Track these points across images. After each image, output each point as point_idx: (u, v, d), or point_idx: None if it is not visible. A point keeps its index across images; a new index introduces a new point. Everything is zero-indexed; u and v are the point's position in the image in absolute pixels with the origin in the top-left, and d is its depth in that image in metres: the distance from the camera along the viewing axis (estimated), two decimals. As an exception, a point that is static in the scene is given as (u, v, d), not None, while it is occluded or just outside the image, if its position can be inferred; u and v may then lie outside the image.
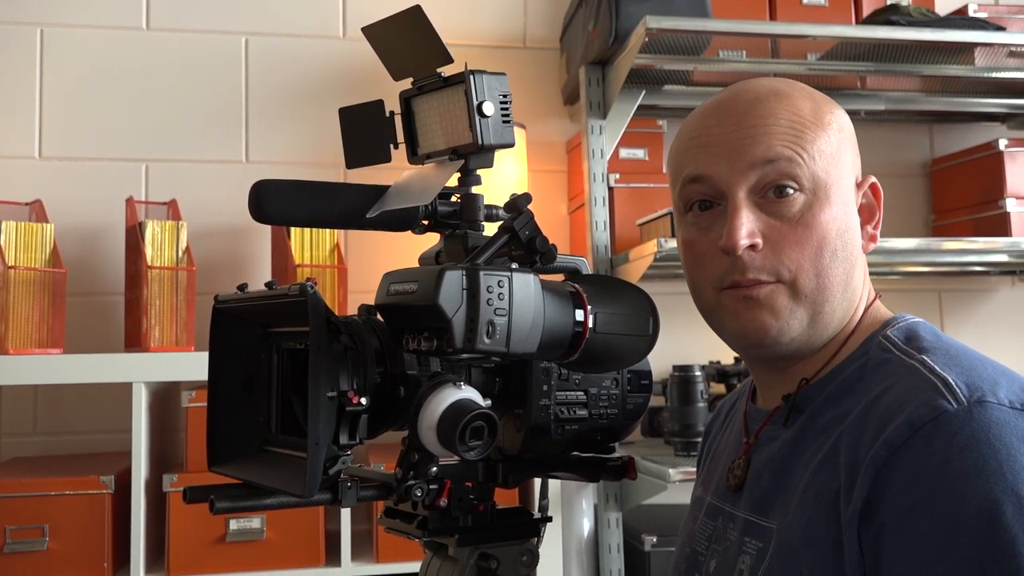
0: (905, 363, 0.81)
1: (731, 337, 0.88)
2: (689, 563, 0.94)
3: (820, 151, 0.85)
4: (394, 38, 0.81)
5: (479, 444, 0.71)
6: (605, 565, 2.09)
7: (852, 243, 0.86)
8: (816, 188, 0.84)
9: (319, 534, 1.83)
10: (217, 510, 0.72)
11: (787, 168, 0.83)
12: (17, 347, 1.83)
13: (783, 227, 0.84)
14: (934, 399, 0.74)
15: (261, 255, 2.24)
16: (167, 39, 2.27)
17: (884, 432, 0.74)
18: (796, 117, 0.85)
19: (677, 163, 0.90)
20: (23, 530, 1.73)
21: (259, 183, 0.77)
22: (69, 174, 2.19)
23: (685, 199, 0.89)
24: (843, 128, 0.89)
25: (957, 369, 0.77)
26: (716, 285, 0.86)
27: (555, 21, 2.46)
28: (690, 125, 0.90)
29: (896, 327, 0.87)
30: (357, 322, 0.77)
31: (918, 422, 0.73)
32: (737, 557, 0.85)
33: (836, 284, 0.85)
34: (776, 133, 0.84)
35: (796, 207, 0.84)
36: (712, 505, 0.94)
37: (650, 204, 2.19)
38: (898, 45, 2.13)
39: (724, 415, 1.06)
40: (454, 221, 0.83)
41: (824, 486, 0.78)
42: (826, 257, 0.84)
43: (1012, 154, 2.31)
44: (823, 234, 0.84)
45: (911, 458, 0.72)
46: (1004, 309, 2.59)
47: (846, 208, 0.86)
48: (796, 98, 0.87)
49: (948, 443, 0.71)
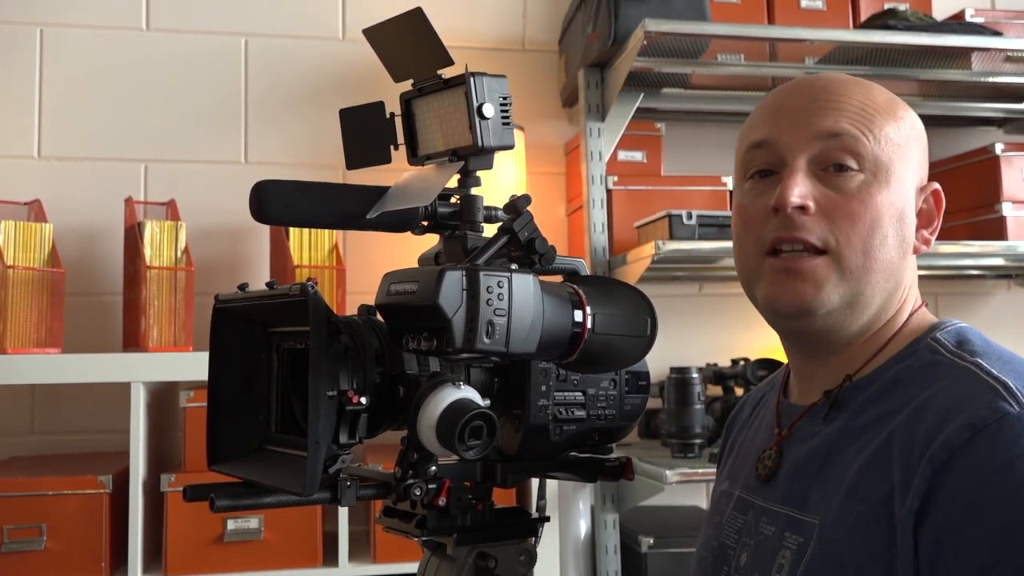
0: (958, 365, 0.80)
1: (765, 306, 0.87)
2: (716, 556, 0.93)
3: (887, 137, 0.85)
4: (395, 40, 0.81)
5: (478, 444, 0.72)
6: (602, 566, 2.09)
7: (905, 236, 0.86)
8: (877, 171, 0.84)
9: (317, 534, 1.84)
10: (217, 508, 0.72)
11: (851, 144, 0.84)
12: (15, 347, 1.83)
13: (838, 198, 0.84)
14: (995, 401, 0.73)
15: (260, 256, 2.24)
16: (167, 40, 2.27)
17: (942, 433, 0.73)
18: (869, 101, 0.86)
19: (746, 130, 0.91)
20: (21, 529, 1.73)
21: (260, 184, 0.77)
22: (68, 174, 2.19)
23: (746, 165, 0.90)
24: (915, 127, 0.89)
25: (1014, 374, 0.77)
26: (760, 248, 0.86)
27: (554, 24, 2.46)
28: (767, 98, 0.92)
29: (945, 330, 0.86)
30: (357, 322, 0.78)
31: (979, 424, 0.72)
32: (777, 552, 0.84)
33: (881, 268, 0.84)
34: (846, 110, 0.85)
35: (854, 184, 0.84)
36: (742, 499, 0.93)
37: (648, 206, 2.19)
38: (895, 49, 2.13)
39: (750, 410, 1.06)
40: (454, 222, 0.83)
41: (875, 485, 0.77)
42: (877, 238, 0.83)
43: (1008, 158, 2.31)
44: (877, 214, 0.83)
45: (972, 460, 0.71)
46: (1000, 313, 2.60)
47: (905, 199, 0.86)
48: (873, 88, 0.89)
49: (1012, 446, 0.71)
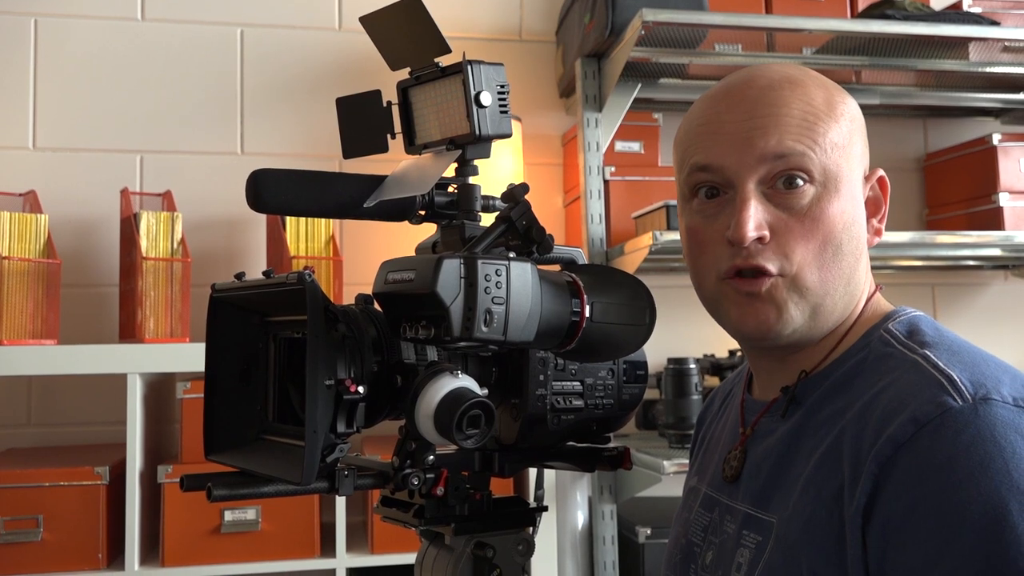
0: (907, 358, 0.80)
1: (732, 328, 0.87)
2: (684, 554, 0.93)
3: (832, 143, 0.84)
4: (392, 28, 0.81)
5: (476, 433, 0.71)
6: (599, 557, 2.10)
7: (858, 237, 0.86)
8: (826, 180, 0.83)
9: (314, 525, 1.84)
10: (215, 497, 0.72)
11: (798, 162, 0.82)
12: (11, 338, 1.82)
13: (790, 220, 0.83)
14: (939, 396, 0.73)
15: (256, 246, 2.23)
16: (162, 30, 2.26)
17: (888, 428, 0.73)
18: (809, 108, 0.84)
19: (684, 148, 0.88)
20: (17, 521, 1.73)
21: (256, 172, 0.77)
22: (63, 165, 2.19)
23: (691, 185, 0.87)
24: (854, 119, 0.87)
25: (960, 366, 0.76)
26: (719, 274, 0.85)
27: (551, 14, 2.46)
28: (699, 109, 0.88)
29: (897, 320, 0.86)
30: (355, 311, 0.77)
31: (923, 419, 0.72)
32: (736, 550, 0.84)
33: (839, 279, 0.84)
34: (788, 125, 0.83)
35: (805, 200, 0.83)
36: (708, 496, 0.93)
37: (646, 197, 2.19)
38: (893, 39, 2.13)
39: (719, 403, 1.06)
40: (451, 211, 0.83)
41: (825, 481, 0.77)
42: (830, 252, 0.83)
43: (1005, 149, 2.32)
44: (829, 228, 0.83)
45: (916, 455, 0.71)
46: (997, 303, 2.60)
47: (854, 201, 0.86)
48: (809, 86, 0.85)
49: (953, 440, 0.70)
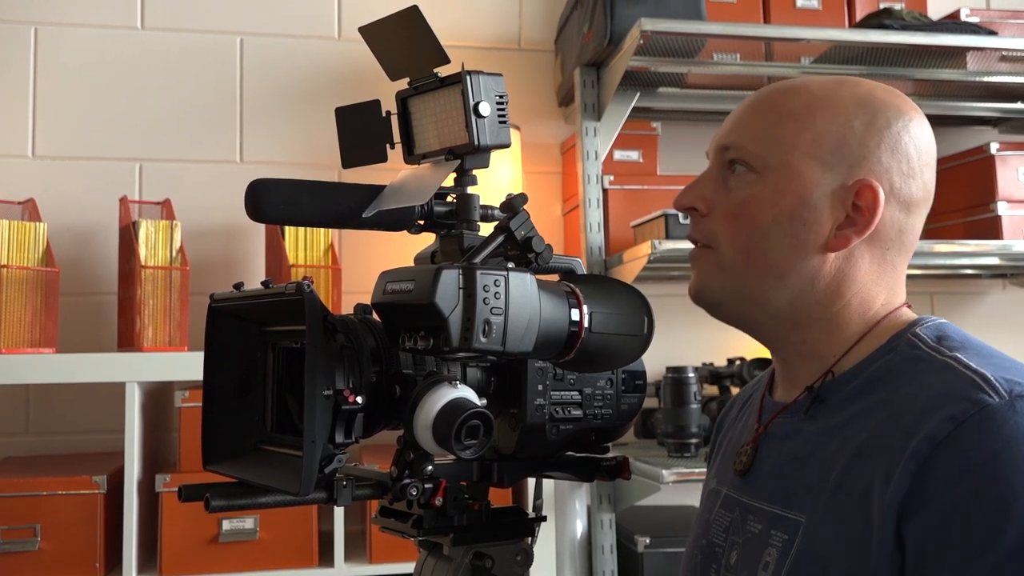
0: (938, 360, 0.81)
1: None
2: (705, 554, 0.94)
3: (780, 139, 0.86)
4: (391, 38, 0.81)
5: (474, 443, 0.71)
6: (598, 566, 2.09)
7: (798, 235, 0.85)
8: (764, 171, 0.87)
9: (312, 534, 1.83)
10: (213, 508, 0.72)
11: (736, 154, 0.89)
12: (9, 346, 1.82)
13: (724, 199, 0.89)
14: (975, 394, 0.74)
15: (255, 255, 2.23)
16: (161, 38, 2.27)
17: (924, 427, 0.74)
18: (780, 107, 0.88)
19: None
20: (14, 530, 1.73)
21: (256, 182, 0.77)
22: (62, 173, 2.19)
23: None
24: (843, 133, 0.86)
25: (991, 366, 0.78)
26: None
27: (550, 23, 2.46)
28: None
29: (925, 326, 0.87)
30: (353, 321, 0.77)
31: (961, 416, 0.73)
32: (763, 549, 0.84)
33: (764, 265, 0.86)
34: (747, 122, 0.89)
35: (741, 184, 0.88)
36: (729, 497, 0.94)
37: (644, 206, 2.19)
38: (891, 49, 2.14)
39: (738, 409, 1.06)
40: (450, 221, 0.83)
41: (857, 481, 0.78)
42: (755, 237, 0.86)
43: (1003, 158, 2.32)
44: (755, 213, 0.86)
45: (956, 452, 0.72)
46: (995, 312, 2.60)
47: (802, 201, 0.85)
48: (797, 93, 0.89)
49: (994, 436, 0.71)
